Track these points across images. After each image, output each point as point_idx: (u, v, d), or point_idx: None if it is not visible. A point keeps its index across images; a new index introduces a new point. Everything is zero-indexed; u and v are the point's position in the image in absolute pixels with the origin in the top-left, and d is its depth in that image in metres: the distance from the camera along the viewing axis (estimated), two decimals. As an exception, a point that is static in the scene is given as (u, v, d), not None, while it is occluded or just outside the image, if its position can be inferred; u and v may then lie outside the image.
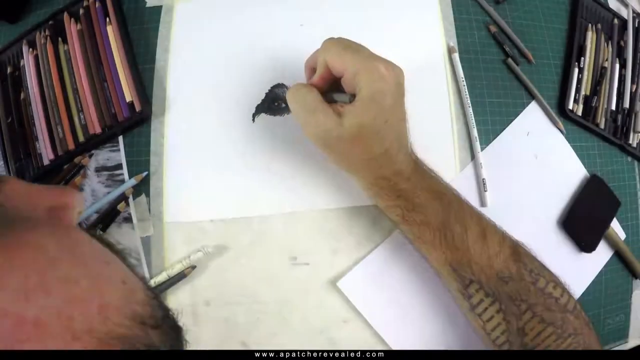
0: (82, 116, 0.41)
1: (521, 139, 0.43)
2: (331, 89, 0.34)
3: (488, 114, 0.43)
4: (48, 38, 0.43)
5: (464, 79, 0.42)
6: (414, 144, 0.40)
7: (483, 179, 0.41)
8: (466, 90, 0.42)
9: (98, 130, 0.41)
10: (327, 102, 0.32)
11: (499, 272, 0.31)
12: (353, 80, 0.30)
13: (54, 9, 0.44)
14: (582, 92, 0.44)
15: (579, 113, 0.44)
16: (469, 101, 0.42)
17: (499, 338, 0.32)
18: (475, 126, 0.42)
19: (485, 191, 0.41)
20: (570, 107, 0.44)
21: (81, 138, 0.41)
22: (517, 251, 0.33)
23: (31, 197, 0.18)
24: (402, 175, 0.33)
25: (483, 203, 0.41)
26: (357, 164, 0.33)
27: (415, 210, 0.32)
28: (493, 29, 0.45)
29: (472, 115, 0.42)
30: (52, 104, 0.41)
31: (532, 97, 0.44)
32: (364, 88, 0.30)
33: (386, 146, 0.31)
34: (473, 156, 0.42)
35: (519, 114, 0.44)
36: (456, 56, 0.43)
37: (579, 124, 0.45)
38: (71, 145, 0.41)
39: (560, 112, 0.44)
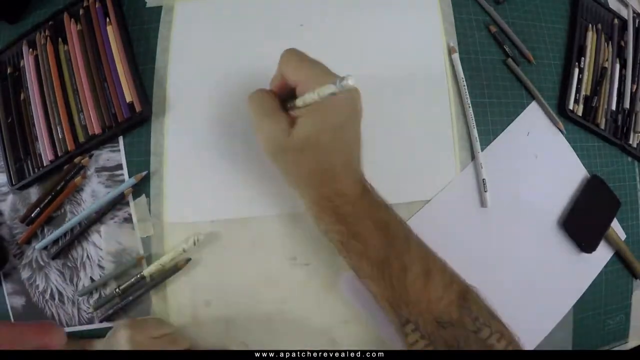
0: (82, 116, 0.41)
1: (521, 139, 0.43)
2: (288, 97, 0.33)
3: (488, 114, 0.43)
4: (48, 38, 0.43)
5: (464, 79, 0.42)
6: (412, 145, 0.40)
7: (483, 179, 0.41)
8: (466, 91, 0.42)
9: (98, 130, 0.41)
10: (286, 109, 0.32)
11: (437, 317, 0.29)
12: (305, 88, 0.30)
13: (53, 10, 0.44)
14: (582, 93, 0.44)
15: (579, 113, 0.44)
16: (469, 101, 0.42)
17: None
18: (475, 126, 0.42)
19: (485, 191, 0.41)
20: (571, 107, 0.44)
21: (81, 138, 0.41)
22: (465, 297, 0.31)
23: (15, 342, 0.21)
24: (344, 198, 0.31)
25: (483, 203, 0.41)
26: (300, 178, 0.32)
27: (355, 239, 0.31)
28: (493, 29, 0.45)
29: (473, 116, 0.42)
30: (52, 105, 0.41)
31: (533, 97, 0.44)
32: (314, 103, 0.29)
33: (331, 163, 0.31)
34: (473, 156, 0.42)
35: (519, 114, 0.44)
36: (456, 56, 0.43)
37: (579, 124, 0.45)
38: (71, 146, 0.41)
39: (560, 112, 0.44)
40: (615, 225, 0.45)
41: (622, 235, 0.45)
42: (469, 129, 0.42)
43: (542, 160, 0.43)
